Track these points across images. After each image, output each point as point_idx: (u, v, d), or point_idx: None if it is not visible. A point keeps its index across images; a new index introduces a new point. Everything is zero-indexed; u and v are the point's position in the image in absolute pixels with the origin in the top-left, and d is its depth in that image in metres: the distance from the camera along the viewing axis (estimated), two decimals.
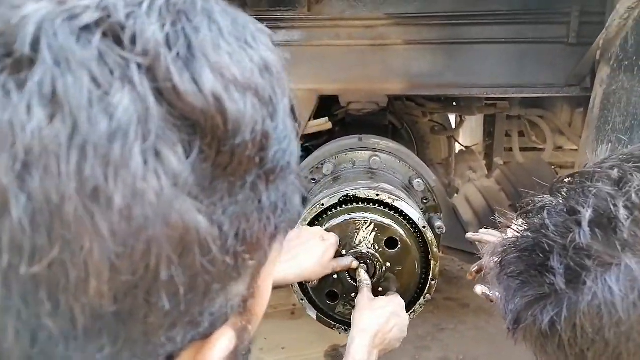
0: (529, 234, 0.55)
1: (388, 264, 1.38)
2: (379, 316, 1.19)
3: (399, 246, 1.37)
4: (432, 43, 1.99)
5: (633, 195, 0.47)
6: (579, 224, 0.48)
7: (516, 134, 2.90)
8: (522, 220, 0.58)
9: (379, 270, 1.39)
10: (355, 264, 1.35)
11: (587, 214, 0.48)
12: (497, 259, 0.60)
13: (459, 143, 3.31)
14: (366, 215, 1.38)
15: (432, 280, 1.42)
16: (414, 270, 1.40)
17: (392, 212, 1.41)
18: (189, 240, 0.27)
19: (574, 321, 0.48)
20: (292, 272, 1.18)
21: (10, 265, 0.23)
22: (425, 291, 1.44)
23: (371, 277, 1.37)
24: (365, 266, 1.38)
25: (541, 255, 0.51)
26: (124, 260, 0.25)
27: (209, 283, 0.29)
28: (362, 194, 1.42)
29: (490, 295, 1.11)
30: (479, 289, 1.14)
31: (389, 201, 1.40)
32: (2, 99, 0.23)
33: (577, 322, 0.47)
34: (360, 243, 1.37)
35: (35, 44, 0.24)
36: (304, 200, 0.38)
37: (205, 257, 0.28)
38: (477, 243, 1.29)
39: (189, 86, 0.26)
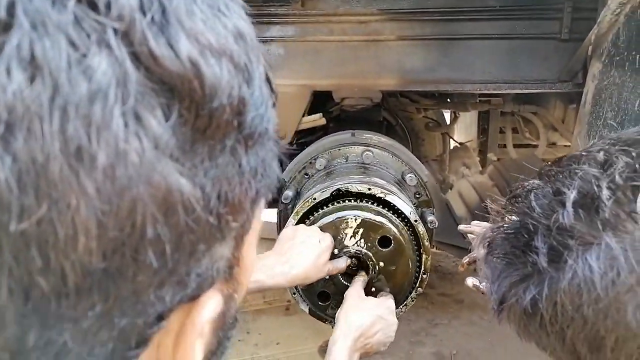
0: (515, 217, 0.56)
1: (381, 263, 1.37)
2: (364, 318, 1.17)
3: (392, 245, 1.37)
4: (425, 39, 1.99)
5: (617, 177, 0.47)
6: (563, 204, 0.49)
7: (510, 131, 2.91)
8: (509, 204, 0.59)
9: (372, 270, 1.38)
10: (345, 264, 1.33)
11: (571, 195, 0.49)
12: (486, 242, 0.61)
13: (453, 139, 3.32)
14: (358, 213, 1.37)
15: (424, 273, 1.43)
16: (407, 268, 1.39)
17: (383, 208, 1.42)
18: (173, 200, 0.28)
19: (554, 299, 0.49)
20: (284, 278, 1.15)
21: (1, 223, 0.24)
22: (417, 285, 1.44)
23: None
24: (363, 272, 1.36)
25: (526, 235, 0.52)
26: (110, 218, 0.26)
27: (195, 242, 0.30)
28: (354, 188, 1.42)
29: (481, 287, 1.12)
30: (470, 281, 1.15)
31: (381, 195, 1.41)
32: None
33: (558, 300, 0.48)
34: (353, 242, 1.37)
35: (10, 9, 0.24)
36: (282, 164, 0.40)
37: (189, 216, 0.29)
38: (469, 237, 1.30)
39: (165, 51, 0.27)
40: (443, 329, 2.68)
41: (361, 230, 1.36)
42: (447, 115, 3.43)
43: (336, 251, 1.35)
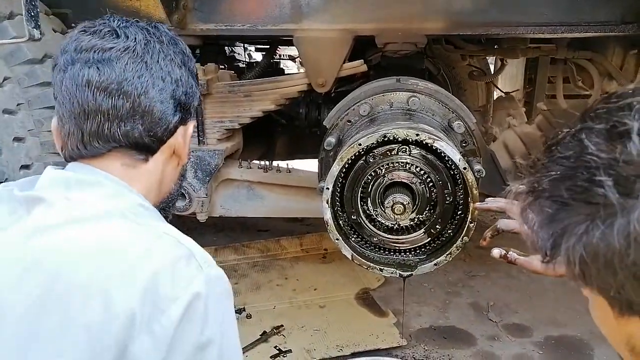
0: (566, 160, 0.53)
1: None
2: None
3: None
4: None
5: None
6: (624, 136, 0.48)
7: (560, 79, 2.75)
8: (553, 150, 0.56)
9: None
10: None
11: (635, 125, 0.48)
12: (525, 189, 0.58)
13: (498, 89, 3.18)
14: None
15: (471, 222, 1.40)
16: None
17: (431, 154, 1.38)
18: (182, 79, 0.80)
19: (627, 230, 0.47)
20: None
21: None
22: (463, 234, 1.42)
23: None
24: None
25: (585, 173, 0.50)
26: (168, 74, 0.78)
27: (193, 92, 0.82)
28: (401, 134, 1.38)
29: (509, 256, 1.09)
30: (497, 251, 1.10)
31: (429, 141, 1.37)
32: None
33: (632, 229, 0.47)
34: None
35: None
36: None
37: (191, 76, 0.82)
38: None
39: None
40: (480, 280, 2.67)
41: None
42: (492, 63, 3.28)
43: None
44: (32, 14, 1.25)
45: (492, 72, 3.10)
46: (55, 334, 0.61)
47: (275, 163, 2.59)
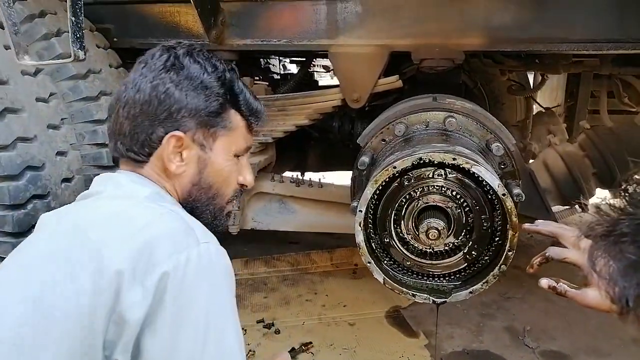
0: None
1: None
2: None
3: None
4: None
5: None
6: None
7: (605, 95, 2.64)
8: (638, 191, 0.52)
9: None
10: None
11: None
12: (601, 230, 0.54)
13: (538, 104, 3.08)
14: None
15: (510, 251, 1.35)
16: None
17: (468, 179, 1.34)
18: (169, 91, 0.93)
19: None
20: None
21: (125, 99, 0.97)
22: (501, 262, 1.37)
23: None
24: None
25: None
26: (150, 86, 0.94)
27: (175, 105, 0.93)
28: (437, 157, 1.35)
29: (558, 287, 1.03)
30: (545, 282, 1.05)
31: (467, 166, 1.32)
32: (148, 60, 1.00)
33: None
34: None
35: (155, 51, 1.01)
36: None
37: (173, 97, 0.93)
38: (556, 214, 1.19)
39: (183, 59, 0.97)
40: (516, 303, 2.58)
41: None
42: (531, 77, 3.18)
43: None
44: (78, 35, 1.29)
45: (532, 87, 3.00)
46: (69, 265, 0.76)
47: (307, 177, 2.59)
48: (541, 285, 1.06)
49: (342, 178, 2.88)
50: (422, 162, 1.37)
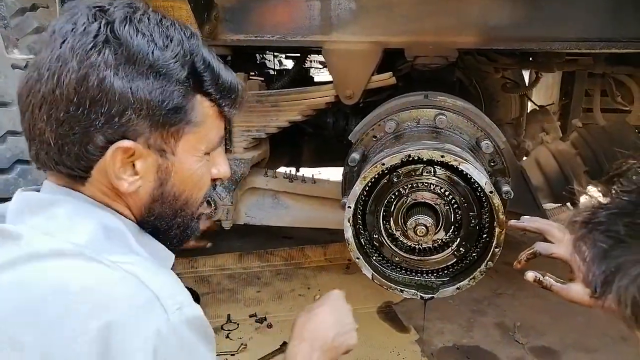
0: (626, 195, 0.52)
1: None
2: (314, 316, 1.06)
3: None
4: None
5: None
6: None
7: (598, 94, 2.65)
8: (615, 182, 0.54)
9: None
10: None
11: None
12: (581, 219, 0.56)
13: (532, 102, 3.09)
14: None
15: (496, 248, 1.36)
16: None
17: (456, 176, 1.35)
18: (105, 81, 0.66)
19: None
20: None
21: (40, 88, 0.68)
22: (488, 258, 1.38)
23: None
24: None
25: None
26: (77, 76, 0.66)
27: (116, 103, 0.67)
28: (426, 154, 1.36)
29: (544, 281, 1.05)
30: (531, 274, 1.06)
31: (455, 164, 1.33)
32: (63, 22, 0.69)
33: None
34: None
35: (79, 9, 0.71)
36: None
37: (113, 90, 0.66)
38: (547, 211, 1.20)
39: (121, 29, 0.68)
40: (507, 299, 2.60)
41: None
42: (526, 74, 3.18)
43: None
44: None
45: (527, 84, 3.01)
46: None
47: (300, 173, 2.59)
48: (527, 278, 1.07)
49: (337, 174, 2.89)
50: (410, 159, 1.38)
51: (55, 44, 0.67)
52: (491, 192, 1.33)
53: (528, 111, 3.08)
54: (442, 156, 1.34)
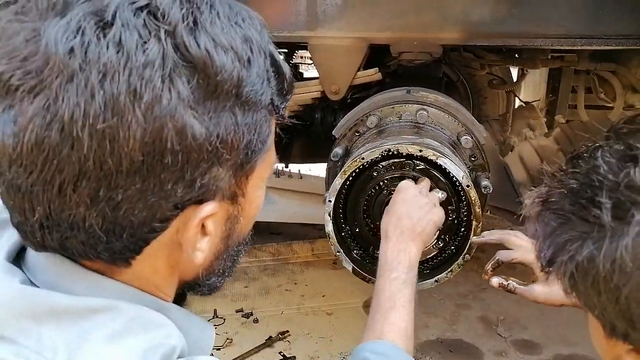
0: (578, 175, 0.54)
1: None
2: (390, 213, 1.16)
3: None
4: None
5: None
6: (634, 161, 0.49)
7: (582, 90, 2.68)
8: (571, 164, 0.57)
9: None
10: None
11: None
12: (539, 198, 0.60)
13: (519, 98, 3.12)
14: None
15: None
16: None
17: (435, 171, 1.37)
18: (185, 130, 0.45)
19: (614, 256, 0.48)
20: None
21: (89, 123, 0.42)
22: (465, 251, 1.40)
23: None
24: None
25: (589, 191, 0.51)
26: (147, 132, 0.44)
27: (198, 160, 0.47)
28: (404, 149, 1.37)
29: (508, 284, 1.11)
30: (495, 280, 1.13)
31: (432, 158, 1.35)
32: (95, 41, 0.42)
33: (618, 256, 0.47)
34: None
35: (113, 15, 0.43)
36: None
37: (195, 142, 0.46)
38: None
39: (193, 44, 0.45)
40: (491, 293, 2.63)
41: None
42: (514, 71, 3.21)
43: None
44: None
45: (514, 81, 3.03)
46: None
47: (287, 168, 2.60)
48: (492, 285, 1.13)
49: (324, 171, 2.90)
50: (390, 153, 1.39)
51: (91, 81, 0.41)
52: (468, 185, 1.35)
53: (515, 107, 3.11)
54: (420, 150, 1.36)
